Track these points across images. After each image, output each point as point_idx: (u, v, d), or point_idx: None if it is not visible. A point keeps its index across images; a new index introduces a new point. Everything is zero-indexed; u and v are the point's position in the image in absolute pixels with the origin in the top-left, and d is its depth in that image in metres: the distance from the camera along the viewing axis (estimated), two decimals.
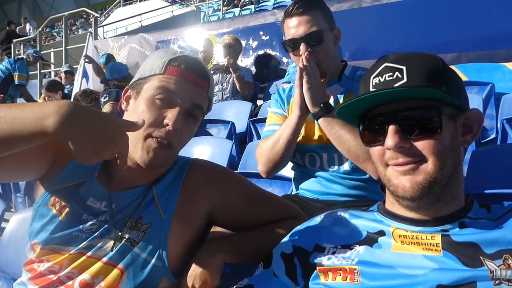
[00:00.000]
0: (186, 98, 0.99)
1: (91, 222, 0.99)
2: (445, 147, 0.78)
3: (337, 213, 0.93)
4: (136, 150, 0.98)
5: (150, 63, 1.04)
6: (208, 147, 2.52)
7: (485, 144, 2.53)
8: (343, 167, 1.56)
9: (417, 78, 0.79)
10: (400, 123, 0.78)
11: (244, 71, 4.22)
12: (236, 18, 6.14)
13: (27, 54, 7.20)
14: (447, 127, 0.79)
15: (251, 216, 1.10)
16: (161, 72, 1.00)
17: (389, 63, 0.82)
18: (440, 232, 0.79)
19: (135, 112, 1.01)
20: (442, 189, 0.79)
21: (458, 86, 0.83)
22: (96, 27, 8.30)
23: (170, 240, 0.98)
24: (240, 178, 1.16)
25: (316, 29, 1.52)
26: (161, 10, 11.71)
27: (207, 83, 1.04)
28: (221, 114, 3.67)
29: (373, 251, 0.81)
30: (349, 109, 0.85)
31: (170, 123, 0.96)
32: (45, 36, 13.64)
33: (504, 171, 1.52)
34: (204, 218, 1.06)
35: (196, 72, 1.02)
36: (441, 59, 0.84)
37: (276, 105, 1.76)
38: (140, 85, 1.03)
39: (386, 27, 3.98)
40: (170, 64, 1.01)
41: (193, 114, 1.02)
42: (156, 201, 1.02)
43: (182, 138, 1.01)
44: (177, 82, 0.99)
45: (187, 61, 1.02)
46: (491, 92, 2.86)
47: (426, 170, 0.77)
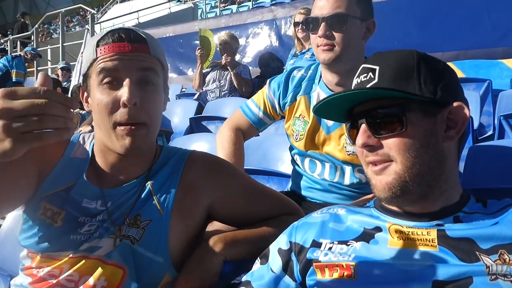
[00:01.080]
0: (128, 68, 0.92)
1: (89, 224, 0.96)
2: (414, 145, 0.78)
3: (334, 209, 0.93)
4: (113, 143, 0.94)
5: (85, 57, 0.99)
6: (205, 143, 2.51)
7: (482, 140, 2.54)
8: (344, 180, 1.49)
9: (387, 77, 0.80)
10: (369, 122, 0.80)
11: (242, 68, 4.21)
12: (233, 15, 6.10)
13: (25, 52, 7.18)
14: (417, 124, 0.78)
15: (250, 211, 1.10)
16: (95, 57, 0.94)
17: (366, 64, 0.85)
18: (435, 227, 0.79)
19: (94, 108, 0.96)
20: (425, 187, 0.79)
21: (437, 80, 0.81)
22: (93, 24, 8.26)
23: (171, 235, 0.97)
24: (240, 172, 1.14)
25: (342, 12, 1.36)
26: (158, 7, 11.66)
27: (145, 44, 0.96)
28: (218, 111, 3.66)
29: (370, 247, 0.82)
30: (328, 108, 0.87)
31: (125, 99, 0.90)
32: (41, 33, 13.56)
33: (501, 168, 1.52)
34: (203, 212, 1.05)
35: (126, 39, 0.94)
36: (417, 55, 0.83)
37: (275, 90, 1.61)
38: (87, 81, 0.98)
39: (385, 25, 3.97)
40: (98, 46, 0.94)
41: (148, 80, 0.95)
42: (153, 197, 1.00)
43: (149, 110, 0.94)
44: (111, 58, 0.92)
45: (113, 34, 0.95)
46: (489, 88, 2.87)
47: (396, 170, 0.79)
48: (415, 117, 0.79)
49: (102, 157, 1.02)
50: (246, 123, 1.67)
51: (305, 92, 1.55)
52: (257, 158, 2.22)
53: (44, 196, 0.98)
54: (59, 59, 8.37)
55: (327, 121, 1.49)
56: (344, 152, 1.46)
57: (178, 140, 2.66)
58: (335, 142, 1.47)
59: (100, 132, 0.97)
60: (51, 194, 0.98)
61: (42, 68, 9.16)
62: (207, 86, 4.24)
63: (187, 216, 1.02)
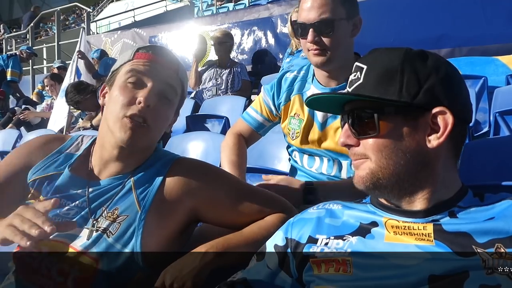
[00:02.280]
0: (156, 78, 1.03)
1: (68, 207, 1.01)
2: (388, 148, 0.79)
3: (330, 204, 0.93)
4: (115, 131, 1.01)
5: (121, 58, 1.10)
6: (202, 142, 2.51)
7: (478, 137, 2.55)
8: (341, 174, 1.51)
9: (371, 79, 0.81)
10: (351, 122, 0.83)
11: (239, 68, 4.19)
12: (230, 13, 6.11)
13: (20, 51, 7.14)
14: (393, 128, 0.79)
15: (238, 212, 1.09)
16: (131, 59, 1.05)
17: (358, 62, 0.85)
18: (431, 222, 0.79)
19: (110, 100, 1.05)
20: (407, 185, 0.80)
21: (421, 84, 0.78)
22: (88, 22, 8.24)
23: (145, 233, 0.98)
24: (225, 174, 1.16)
25: (328, 17, 1.38)
26: (154, 5, 11.63)
27: (176, 65, 1.09)
28: (215, 109, 3.66)
29: (366, 242, 0.81)
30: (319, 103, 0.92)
31: (142, 99, 0.99)
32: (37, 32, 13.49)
33: (496, 164, 1.52)
34: (185, 214, 1.05)
35: (164, 55, 1.07)
36: (405, 55, 0.80)
37: (269, 92, 1.65)
38: (113, 77, 1.07)
39: (380, 22, 3.98)
40: (139, 51, 1.06)
41: (166, 96, 1.05)
42: (134, 192, 1.03)
43: (157, 118, 1.04)
44: (146, 63, 1.04)
45: (155, 48, 1.08)
46: (484, 85, 2.87)
47: (370, 167, 0.81)
48: (391, 120, 0.79)
49: (98, 153, 1.08)
50: (247, 128, 1.73)
51: (299, 91, 1.59)
52: (254, 156, 2.22)
53: (33, 180, 1.07)
54: (55, 57, 8.34)
55: (320, 118, 1.51)
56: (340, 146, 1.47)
57: (174, 139, 2.65)
58: (330, 137, 1.50)
59: (106, 124, 1.04)
60: (41, 178, 1.07)
61: (38, 67, 9.12)
62: (203, 84, 4.24)
63: (165, 217, 1.02)
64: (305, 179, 1.59)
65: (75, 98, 4.00)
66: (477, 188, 0.87)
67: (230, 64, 4.20)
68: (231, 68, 4.16)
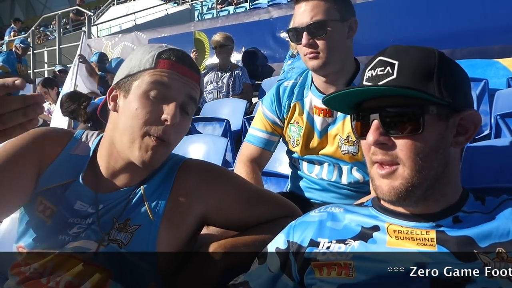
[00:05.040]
0: (180, 91, 0.96)
1: (78, 226, 0.96)
2: (425, 149, 0.76)
3: (332, 208, 0.93)
4: (133, 150, 0.94)
5: (137, 59, 0.99)
6: (203, 144, 2.51)
7: (479, 140, 2.54)
8: (341, 180, 1.51)
9: (407, 75, 0.77)
10: (383, 119, 0.77)
11: (240, 71, 4.19)
12: (230, 16, 6.12)
13: (15, 46, 7.14)
14: (432, 128, 0.76)
15: (247, 216, 1.08)
16: (152, 66, 0.96)
17: (384, 57, 0.81)
18: (434, 228, 0.79)
19: (127, 110, 0.96)
20: (429, 189, 0.78)
21: (455, 85, 0.79)
22: (89, 25, 8.25)
23: (159, 242, 0.96)
24: (234, 178, 1.13)
25: (321, 19, 1.37)
26: (155, 9, 11.65)
27: (198, 75, 1.02)
28: (216, 112, 3.66)
29: (368, 246, 0.81)
30: (337, 100, 0.84)
31: (169, 117, 0.93)
32: (38, 36, 13.53)
33: (497, 167, 1.52)
34: (196, 220, 1.04)
35: (187, 64, 0.99)
36: (439, 55, 0.80)
37: (270, 107, 1.61)
38: (128, 82, 0.98)
39: (380, 22, 3.98)
40: (160, 57, 0.97)
41: (188, 108, 0.99)
42: (145, 201, 0.99)
43: (179, 134, 0.99)
44: (170, 75, 0.96)
45: (176, 53, 0.99)
46: (485, 88, 2.87)
47: (403, 175, 0.76)
48: (431, 120, 0.77)
49: (105, 160, 1.02)
50: (256, 150, 1.65)
51: (298, 99, 1.57)
52: None
53: (42, 190, 0.99)
54: (56, 61, 8.36)
55: (319, 126, 1.51)
56: (340, 152, 1.48)
57: None
58: (330, 144, 1.50)
59: (120, 137, 0.97)
60: (47, 189, 0.99)
61: (39, 71, 9.14)
62: (204, 87, 4.24)
63: (177, 224, 1.00)
64: (306, 184, 1.60)
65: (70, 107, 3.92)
66: (477, 191, 0.87)
67: (231, 67, 4.21)
68: (232, 71, 4.16)
